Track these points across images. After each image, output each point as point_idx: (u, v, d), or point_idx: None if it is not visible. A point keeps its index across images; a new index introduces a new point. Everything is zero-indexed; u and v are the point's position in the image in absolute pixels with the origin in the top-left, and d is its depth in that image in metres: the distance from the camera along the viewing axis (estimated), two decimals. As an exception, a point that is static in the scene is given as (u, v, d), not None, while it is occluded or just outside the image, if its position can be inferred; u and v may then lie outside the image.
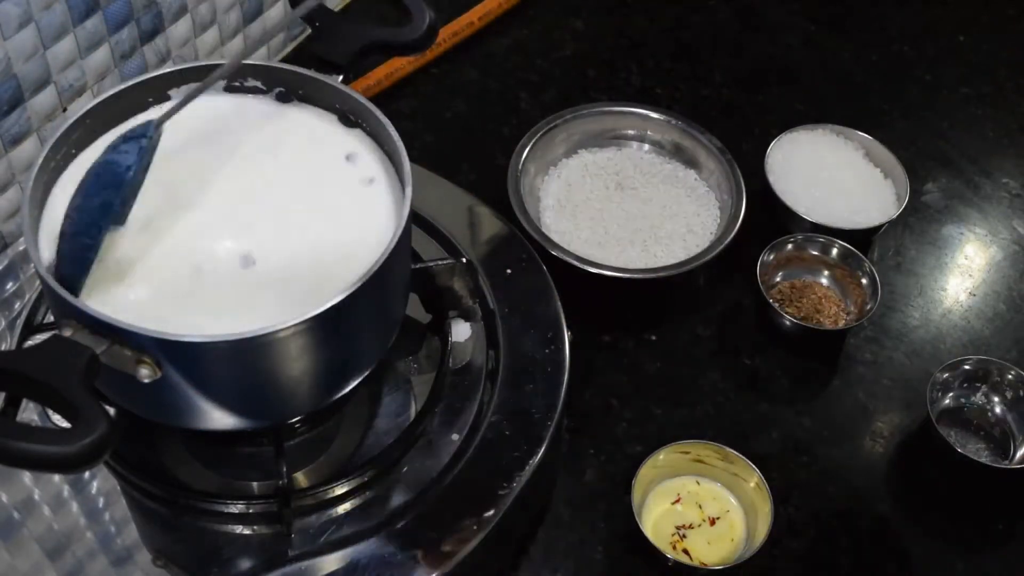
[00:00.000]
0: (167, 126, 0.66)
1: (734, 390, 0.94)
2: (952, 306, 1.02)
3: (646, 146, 1.08)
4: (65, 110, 0.91)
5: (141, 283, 0.66)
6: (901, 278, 1.03)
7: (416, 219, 0.87)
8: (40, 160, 0.67)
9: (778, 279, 1.00)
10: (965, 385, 0.93)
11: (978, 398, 0.93)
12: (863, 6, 1.30)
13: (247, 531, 0.73)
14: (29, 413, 0.76)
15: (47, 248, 0.65)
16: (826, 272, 1.00)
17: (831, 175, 1.07)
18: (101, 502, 0.76)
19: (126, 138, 0.64)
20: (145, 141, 0.64)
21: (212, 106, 0.75)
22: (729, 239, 0.98)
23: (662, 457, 0.84)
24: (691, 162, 1.07)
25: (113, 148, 0.64)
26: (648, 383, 0.94)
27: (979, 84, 1.22)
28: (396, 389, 0.81)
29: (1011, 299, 1.03)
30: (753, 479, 0.83)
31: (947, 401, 0.93)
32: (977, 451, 0.91)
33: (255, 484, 0.76)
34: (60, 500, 0.76)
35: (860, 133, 1.09)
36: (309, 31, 0.80)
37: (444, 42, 1.17)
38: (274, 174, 0.72)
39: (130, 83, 0.73)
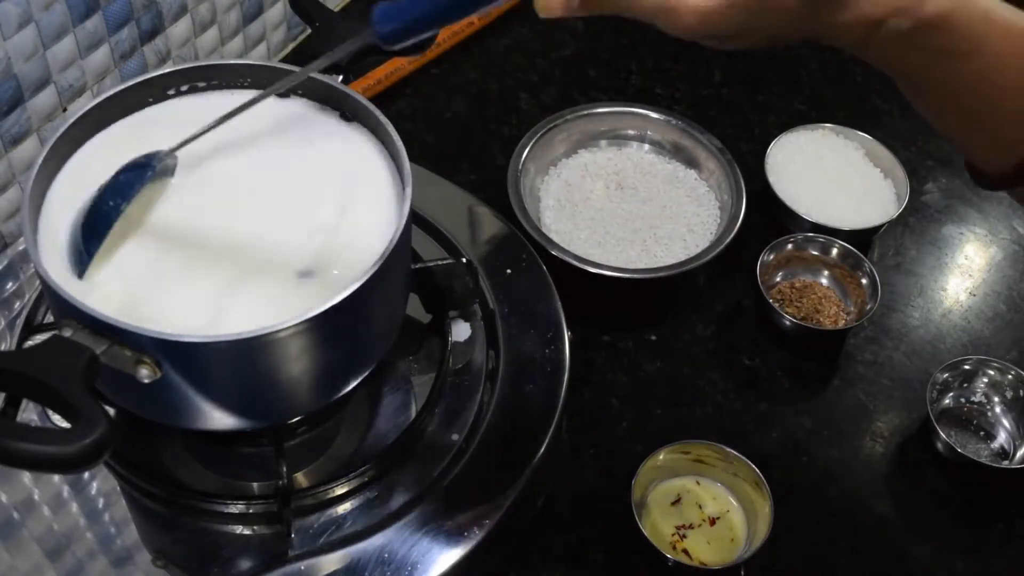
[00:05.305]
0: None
1: (734, 390, 0.94)
2: (952, 306, 1.02)
3: (646, 146, 1.08)
4: (65, 110, 0.91)
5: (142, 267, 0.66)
6: (901, 278, 1.03)
7: (416, 219, 0.87)
8: (40, 160, 0.67)
9: (778, 279, 1.00)
10: (965, 385, 0.93)
11: (978, 398, 0.93)
12: (863, 6, 1.30)
13: (247, 531, 0.73)
14: (29, 413, 0.76)
15: (47, 248, 0.66)
16: (826, 272, 1.00)
17: (831, 175, 1.07)
18: (101, 502, 0.76)
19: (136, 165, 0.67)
20: (150, 172, 0.67)
21: (213, 103, 0.75)
22: (729, 239, 0.98)
23: (662, 457, 0.84)
24: (691, 162, 1.07)
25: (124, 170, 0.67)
26: (648, 383, 0.94)
27: (979, 84, 1.22)
28: (396, 389, 0.81)
29: (1011, 299, 1.03)
30: (753, 479, 0.83)
31: (947, 401, 0.93)
32: (977, 451, 0.91)
33: (255, 484, 0.76)
34: (60, 500, 0.76)
35: (860, 133, 1.09)
36: (309, 31, 0.80)
37: (444, 42, 1.17)
38: (272, 171, 0.72)
39: (130, 83, 0.73)
